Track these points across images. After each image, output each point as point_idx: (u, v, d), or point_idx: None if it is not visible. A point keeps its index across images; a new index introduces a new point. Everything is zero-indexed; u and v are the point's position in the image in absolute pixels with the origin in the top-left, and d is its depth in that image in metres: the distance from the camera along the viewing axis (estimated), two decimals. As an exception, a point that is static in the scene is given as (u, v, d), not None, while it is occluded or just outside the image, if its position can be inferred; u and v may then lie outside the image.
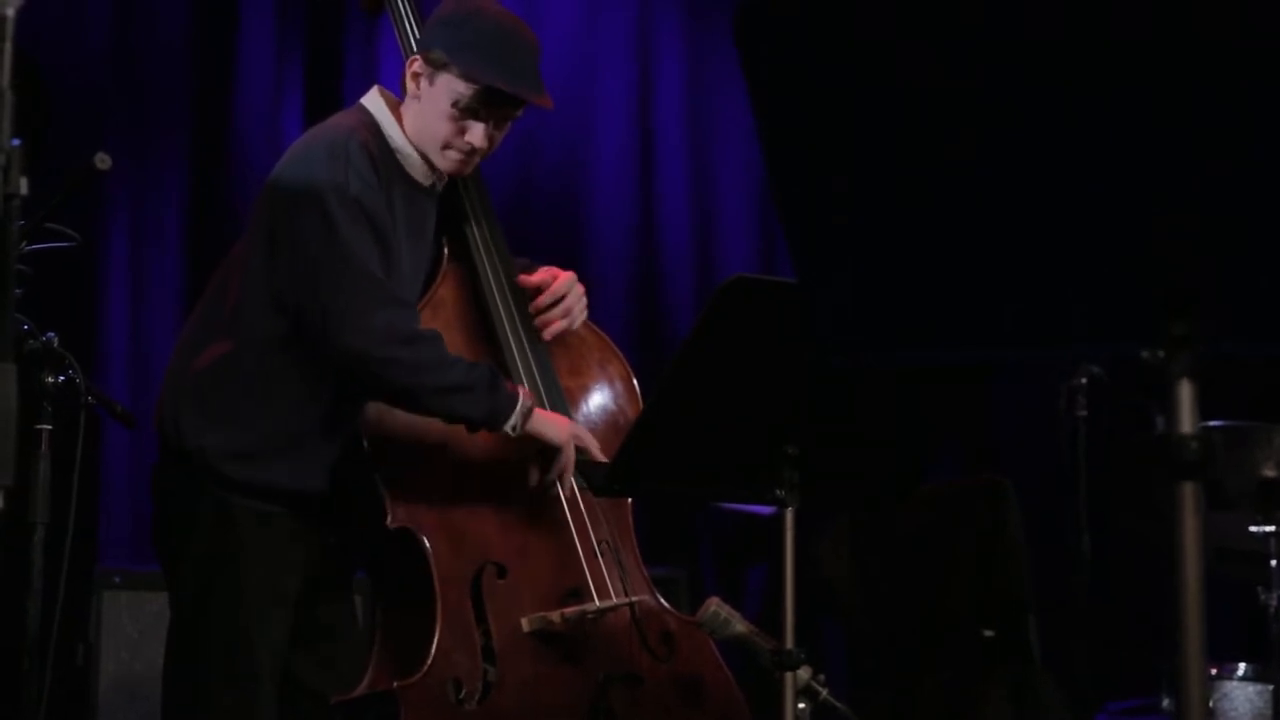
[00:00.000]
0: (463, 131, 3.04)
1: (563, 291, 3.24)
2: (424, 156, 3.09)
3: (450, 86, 3.02)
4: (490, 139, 3.07)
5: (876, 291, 1.49)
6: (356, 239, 2.93)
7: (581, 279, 3.33)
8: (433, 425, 3.02)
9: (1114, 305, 1.43)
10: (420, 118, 3.07)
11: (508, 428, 2.99)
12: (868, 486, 2.79)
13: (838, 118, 1.41)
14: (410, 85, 3.08)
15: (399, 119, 3.10)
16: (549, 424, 3.07)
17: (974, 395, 2.69)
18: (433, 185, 3.14)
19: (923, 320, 1.50)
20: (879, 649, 4.53)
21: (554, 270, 3.30)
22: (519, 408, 2.99)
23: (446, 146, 3.06)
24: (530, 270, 3.30)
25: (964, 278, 1.46)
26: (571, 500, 3.13)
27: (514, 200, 5.33)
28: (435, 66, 3.04)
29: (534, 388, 3.13)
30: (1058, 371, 4.42)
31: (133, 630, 4.24)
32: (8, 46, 1.93)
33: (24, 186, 2.00)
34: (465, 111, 3.02)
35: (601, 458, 3.11)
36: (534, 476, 3.10)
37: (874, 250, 1.48)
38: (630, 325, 5.52)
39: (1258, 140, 1.31)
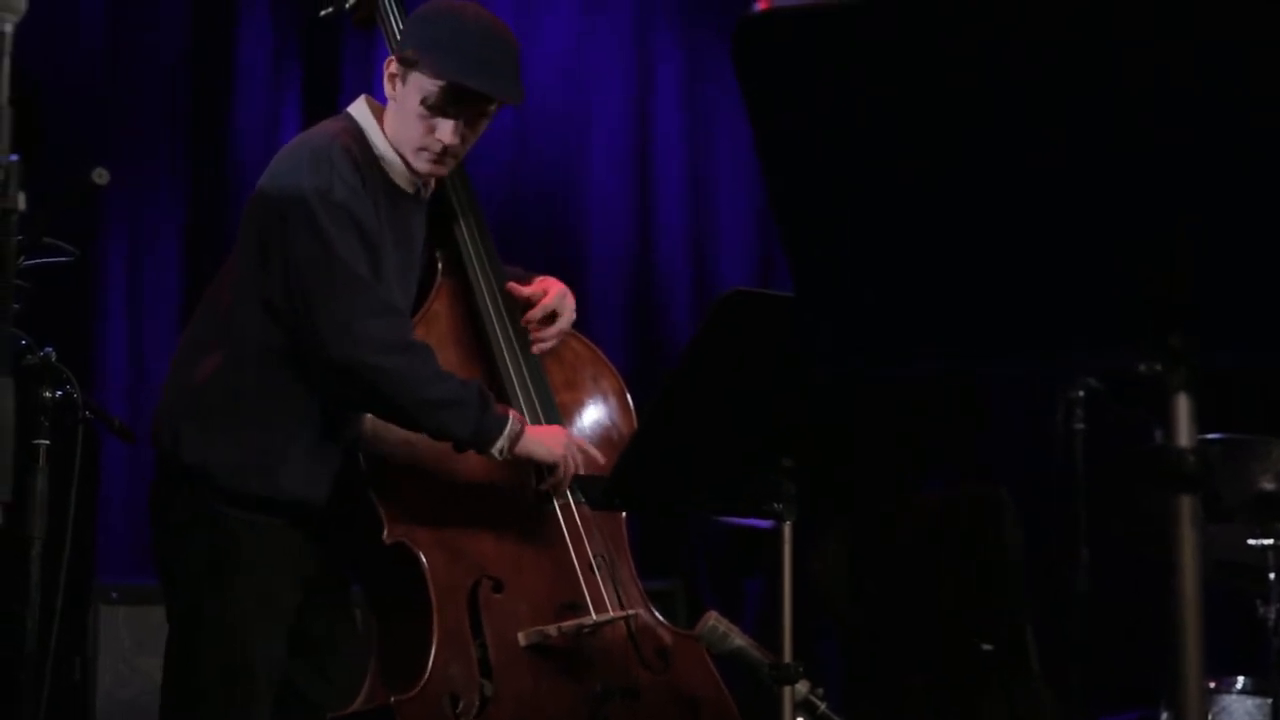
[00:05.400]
0: (432, 130, 3.01)
1: (554, 307, 3.23)
2: (404, 160, 3.08)
3: (419, 84, 3.00)
4: (462, 137, 3.03)
5: (877, 303, 1.49)
6: (345, 245, 2.91)
7: (576, 290, 3.32)
8: (428, 439, 3.01)
9: (1112, 317, 1.43)
10: (396, 120, 3.05)
11: (494, 450, 2.97)
12: (865, 495, 2.79)
13: (837, 132, 1.41)
14: (388, 88, 3.07)
15: (382, 125, 3.09)
16: (541, 443, 3.04)
17: (970, 405, 2.68)
18: (418, 191, 3.13)
19: (922, 331, 1.51)
20: (876, 658, 4.53)
21: (546, 282, 3.29)
22: (507, 430, 2.97)
23: (420, 148, 3.03)
24: (525, 281, 3.29)
25: (964, 288, 1.46)
26: (567, 514, 3.13)
27: (509, 211, 5.33)
28: (407, 65, 3.02)
29: (529, 402, 3.13)
30: (1055, 384, 4.42)
31: (130, 644, 4.24)
32: (6, 62, 1.93)
33: (22, 201, 2.00)
34: (433, 109, 3.00)
35: (602, 461, 3.10)
36: (530, 489, 3.09)
37: (874, 263, 1.48)
38: (627, 337, 5.51)
39: (1260, 150, 1.31)
